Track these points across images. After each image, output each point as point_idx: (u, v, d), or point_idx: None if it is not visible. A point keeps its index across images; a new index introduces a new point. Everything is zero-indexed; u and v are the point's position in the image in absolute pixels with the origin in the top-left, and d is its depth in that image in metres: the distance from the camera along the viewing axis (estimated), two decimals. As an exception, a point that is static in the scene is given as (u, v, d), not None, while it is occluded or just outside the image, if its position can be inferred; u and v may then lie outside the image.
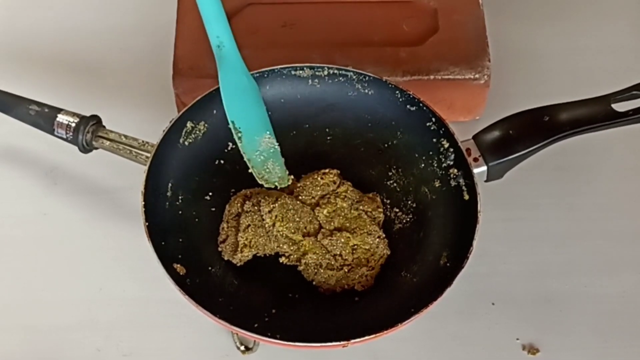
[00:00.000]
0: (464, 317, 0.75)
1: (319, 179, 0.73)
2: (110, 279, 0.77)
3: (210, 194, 0.74)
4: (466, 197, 0.70)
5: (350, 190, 0.74)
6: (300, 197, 0.73)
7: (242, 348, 0.74)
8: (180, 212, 0.72)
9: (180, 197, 0.72)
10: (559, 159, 0.81)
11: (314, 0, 0.87)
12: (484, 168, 0.71)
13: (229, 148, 0.76)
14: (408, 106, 0.74)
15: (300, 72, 0.75)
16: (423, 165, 0.74)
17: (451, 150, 0.72)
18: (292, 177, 0.73)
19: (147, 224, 0.67)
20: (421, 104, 0.73)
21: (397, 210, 0.74)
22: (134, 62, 0.91)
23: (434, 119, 0.73)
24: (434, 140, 0.73)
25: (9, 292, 0.77)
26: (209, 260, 0.71)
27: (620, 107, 0.71)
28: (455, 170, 0.72)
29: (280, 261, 0.71)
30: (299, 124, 0.77)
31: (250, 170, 0.71)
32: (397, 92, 0.74)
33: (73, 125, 0.75)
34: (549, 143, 0.71)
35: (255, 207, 0.71)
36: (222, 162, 0.75)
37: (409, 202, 0.74)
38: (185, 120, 0.73)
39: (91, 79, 0.90)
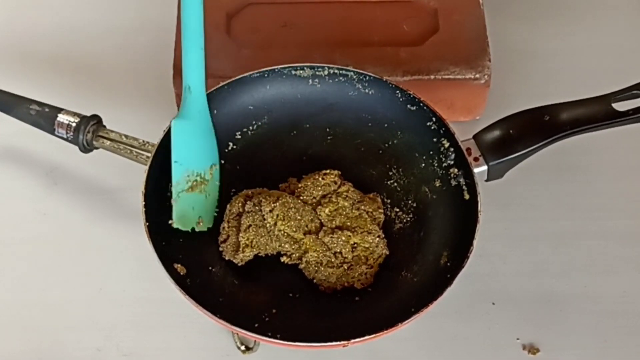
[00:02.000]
0: (464, 317, 0.75)
1: (319, 179, 0.73)
2: (110, 279, 0.77)
3: (211, 193, 0.74)
4: (466, 196, 0.70)
5: (351, 191, 0.74)
6: (301, 197, 0.73)
7: (243, 348, 0.74)
8: (180, 212, 0.72)
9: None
10: (559, 159, 0.82)
11: (314, 0, 0.87)
12: (484, 168, 0.71)
13: (230, 148, 0.76)
14: (408, 106, 0.74)
15: (301, 71, 0.75)
16: (423, 164, 0.74)
17: (452, 149, 0.72)
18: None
19: (147, 224, 0.67)
20: (421, 104, 0.73)
21: (398, 209, 0.74)
22: (135, 62, 0.91)
23: (434, 119, 0.73)
24: (435, 139, 0.73)
25: (9, 292, 0.77)
26: (210, 260, 0.71)
27: (620, 106, 0.71)
28: (456, 170, 0.72)
29: (282, 260, 0.71)
30: (299, 123, 0.77)
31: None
32: (398, 91, 0.74)
33: (74, 125, 0.75)
34: (549, 143, 0.71)
35: (257, 207, 0.71)
36: (222, 162, 0.75)
37: (410, 202, 0.74)
38: (186, 120, 0.73)
39: (92, 78, 0.90)
